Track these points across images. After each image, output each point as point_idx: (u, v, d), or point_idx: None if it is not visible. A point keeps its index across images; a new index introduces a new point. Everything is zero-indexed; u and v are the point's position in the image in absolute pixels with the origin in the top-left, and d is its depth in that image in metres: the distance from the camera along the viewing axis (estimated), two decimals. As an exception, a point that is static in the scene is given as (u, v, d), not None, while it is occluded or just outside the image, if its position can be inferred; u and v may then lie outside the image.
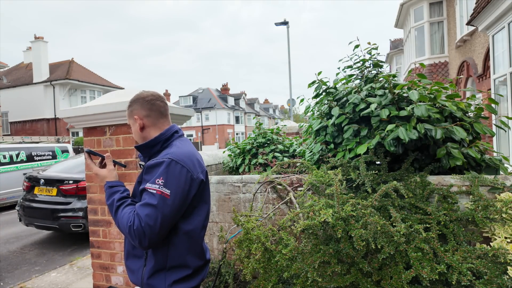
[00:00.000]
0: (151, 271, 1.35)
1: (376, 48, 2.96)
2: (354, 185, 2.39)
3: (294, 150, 4.31)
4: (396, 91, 2.40)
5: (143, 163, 1.52)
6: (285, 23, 14.61)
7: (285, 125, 5.47)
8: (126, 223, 1.24)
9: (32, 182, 5.49)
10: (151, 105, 1.45)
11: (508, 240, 1.87)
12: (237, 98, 47.05)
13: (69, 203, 5.01)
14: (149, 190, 1.26)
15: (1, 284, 3.83)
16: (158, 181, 1.26)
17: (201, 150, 23.96)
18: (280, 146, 4.33)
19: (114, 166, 1.53)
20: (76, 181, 5.10)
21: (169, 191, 1.25)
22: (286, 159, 3.76)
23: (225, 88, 47.14)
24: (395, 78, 2.70)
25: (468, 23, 6.61)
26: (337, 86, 2.98)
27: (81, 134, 21.45)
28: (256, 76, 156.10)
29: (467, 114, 2.48)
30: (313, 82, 3.00)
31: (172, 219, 1.28)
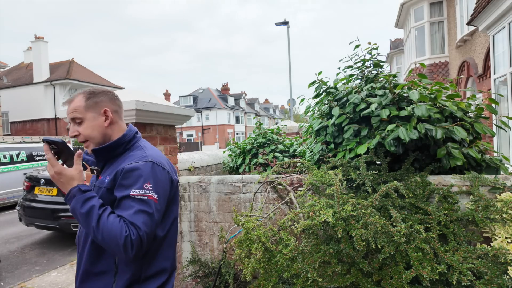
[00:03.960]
0: (125, 286, 1.22)
1: (377, 48, 2.96)
2: (354, 185, 2.39)
3: (294, 150, 4.31)
4: (397, 91, 2.40)
5: (96, 167, 1.35)
6: (285, 23, 14.60)
7: (285, 125, 5.47)
8: (119, 233, 1.10)
9: (33, 182, 5.49)
10: (119, 101, 1.39)
11: (509, 240, 1.87)
12: (237, 98, 47.04)
13: (69, 203, 5.01)
14: (137, 196, 1.16)
15: (2, 284, 3.83)
16: (146, 186, 1.18)
17: (201, 150, 23.96)
18: (280, 146, 4.33)
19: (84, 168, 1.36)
20: (76, 181, 5.09)
21: (156, 196, 1.20)
22: (286, 159, 3.76)
23: (225, 88, 47.13)
24: (396, 78, 2.70)
25: (469, 23, 6.61)
26: (337, 86, 2.97)
27: (81, 134, 21.40)
28: (255, 76, 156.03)
29: (467, 114, 2.48)
30: (314, 82, 3.00)
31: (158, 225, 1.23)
